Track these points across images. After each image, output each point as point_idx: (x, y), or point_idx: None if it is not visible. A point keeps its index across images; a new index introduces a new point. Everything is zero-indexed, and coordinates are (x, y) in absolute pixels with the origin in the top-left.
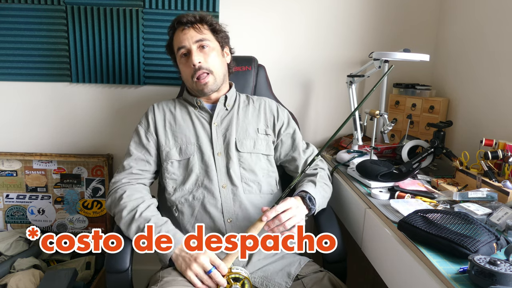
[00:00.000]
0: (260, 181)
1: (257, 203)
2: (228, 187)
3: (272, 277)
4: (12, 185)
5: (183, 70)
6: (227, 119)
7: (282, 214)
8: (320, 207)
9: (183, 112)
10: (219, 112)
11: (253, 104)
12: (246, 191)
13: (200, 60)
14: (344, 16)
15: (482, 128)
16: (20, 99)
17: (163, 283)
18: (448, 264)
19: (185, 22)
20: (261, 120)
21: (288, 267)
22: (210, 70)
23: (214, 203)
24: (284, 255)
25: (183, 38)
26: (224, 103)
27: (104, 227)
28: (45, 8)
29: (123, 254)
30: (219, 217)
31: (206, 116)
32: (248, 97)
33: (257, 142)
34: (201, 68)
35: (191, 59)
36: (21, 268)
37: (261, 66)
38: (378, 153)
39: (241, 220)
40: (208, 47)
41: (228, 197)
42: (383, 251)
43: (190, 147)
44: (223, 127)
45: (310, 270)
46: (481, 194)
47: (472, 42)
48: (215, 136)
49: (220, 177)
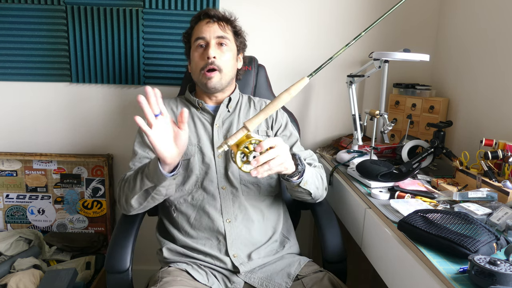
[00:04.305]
0: (260, 183)
1: (257, 204)
2: (227, 189)
3: (272, 277)
4: (12, 185)
5: (195, 60)
6: (229, 121)
7: (266, 152)
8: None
9: None
10: (221, 114)
11: (254, 106)
12: (245, 193)
13: (216, 55)
14: (344, 16)
15: (482, 128)
16: (20, 99)
17: (162, 283)
18: (448, 264)
19: (212, 15)
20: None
21: (288, 267)
22: (221, 68)
23: (214, 204)
24: (284, 255)
25: (205, 29)
26: (227, 105)
27: (104, 227)
28: (45, 8)
29: (123, 255)
30: (218, 218)
31: (208, 117)
32: (250, 99)
33: None
34: (213, 63)
35: (208, 51)
36: (21, 268)
37: (261, 66)
38: (378, 153)
39: (240, 220)
40: (227, 45)
41: (227, 198)
42: (383, 251)
43: (191, 148)
44: (225, 128)
45: (310, 270)
46: (481, 194)
47: (472, 42)
48: (216, 137)
49: (220, 179)
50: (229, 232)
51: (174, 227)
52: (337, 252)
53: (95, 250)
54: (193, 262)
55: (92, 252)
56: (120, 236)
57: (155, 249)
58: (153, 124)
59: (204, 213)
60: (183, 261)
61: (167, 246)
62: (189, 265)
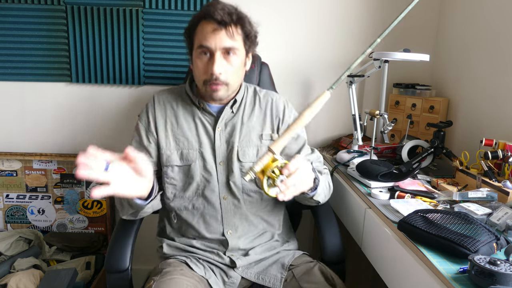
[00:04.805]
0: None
1: (258, 212)
2: (229, 199)
3: (267, 270)
4: (12, 185)
5: (197, 70)
6: (232, 123)
7: (293, 174)
8: (320, 195)
9: (186, 111)
10: (224, 116)
11: (259, 104)
12: (247, 202)
13: (221, 70)
14: (344, 16)
15: (482, 128)
16: (20, 99)
17: (163, 273)
18: (448, 264)
19: (220, 21)
20: (266, 124)
21: (282, 258)
22: (227, 82)
23: (214, 215)
24: (280, 251)
25: (210, 37)
26: (232, 106)
27: (104, 227)
28: (45, 8)
29: (123, 254)
30: (219, 229)
31: (211, 119)
32: (256, 93)
33: (260, 149)
34: (218, 79)
35: (212, 66)
36: (21, 268)
37: (264, 64)
38: (378, 153)
39: (241, 231)
40: (235, 55)
41: (229, 208)
42: (383, 251)
43: (192, 153)
44: (227, 132)
45: (302, 260)
46: (481, 194)
47: (472, 42)
48: (218, 142)
49: (221, 188)
50: (230, 241)
51: (174, 231)
52: (336, 252)
53: (95, 250)
54: (192, 256)
55: (92, 252)
56: (120, 235)
57: (154, 249)
58: (109, 180)
59: (205, 223)
60: (183, 255)
61: (167, 243)
62: (188, 258)
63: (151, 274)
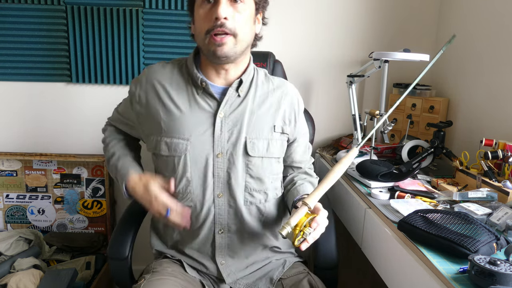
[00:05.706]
0: (267, 190)
1: (257, 212)
2: (224, 197)
3: (256, 283)
4: (12, 185)
5: (199, 21)
6: (238, 110)
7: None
8: None
9: (181, 92)
10: (228, 100)
11: (273, 92)
12: (248, 202)
13: (227, 15)
14: (344, 16)
15: (482, 128)
16: (20, 99)
17: (152, 272)
18: (448, 264)
19: None
20: (279, 114)
21: (272, 271)
22: (234, 32)
23: (206, 213)
24: (272, 261)
25: None
26: (237, 88)
27: (104, 227)
28: (45, 8)
29: (123, 243)
30: (210, 228)
31: (212, 102)
32: (268, 78)
33: (271, 143)
34: (223, 25)
35: (216, 10)
36: (21, 268)
37: (277, 61)
38: (378, 153)
39: (233, 231)
40: (242, 3)
41: (222, 208)
42: (383, 251)
43: (182, 143)
44: (231, 119)
45: (292, 272)
46: (481, 194)
47: (472, 42)
48: (218, 130)
49: (217, 184)
50: (219, 242)
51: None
52: (329, 258)
53: (95, 250)
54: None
55: (92, 252)
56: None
57: None
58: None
59: (195, 220)
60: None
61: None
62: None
63: (144, 271)
